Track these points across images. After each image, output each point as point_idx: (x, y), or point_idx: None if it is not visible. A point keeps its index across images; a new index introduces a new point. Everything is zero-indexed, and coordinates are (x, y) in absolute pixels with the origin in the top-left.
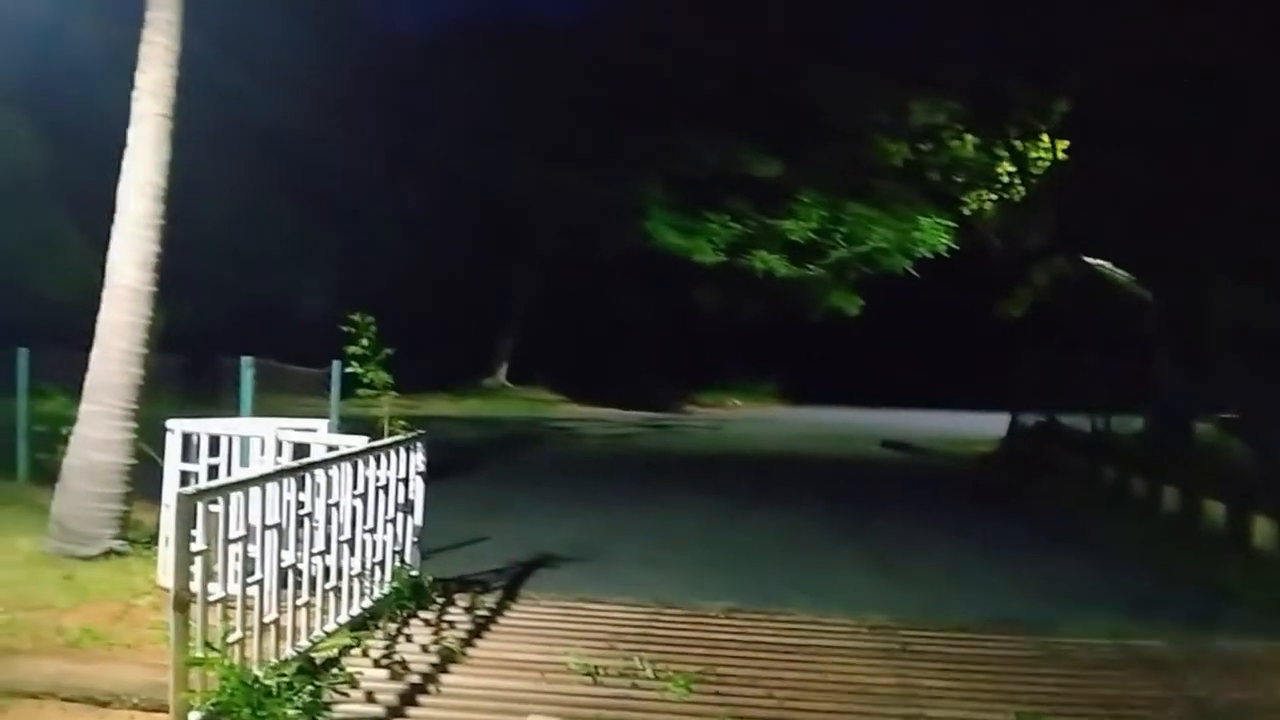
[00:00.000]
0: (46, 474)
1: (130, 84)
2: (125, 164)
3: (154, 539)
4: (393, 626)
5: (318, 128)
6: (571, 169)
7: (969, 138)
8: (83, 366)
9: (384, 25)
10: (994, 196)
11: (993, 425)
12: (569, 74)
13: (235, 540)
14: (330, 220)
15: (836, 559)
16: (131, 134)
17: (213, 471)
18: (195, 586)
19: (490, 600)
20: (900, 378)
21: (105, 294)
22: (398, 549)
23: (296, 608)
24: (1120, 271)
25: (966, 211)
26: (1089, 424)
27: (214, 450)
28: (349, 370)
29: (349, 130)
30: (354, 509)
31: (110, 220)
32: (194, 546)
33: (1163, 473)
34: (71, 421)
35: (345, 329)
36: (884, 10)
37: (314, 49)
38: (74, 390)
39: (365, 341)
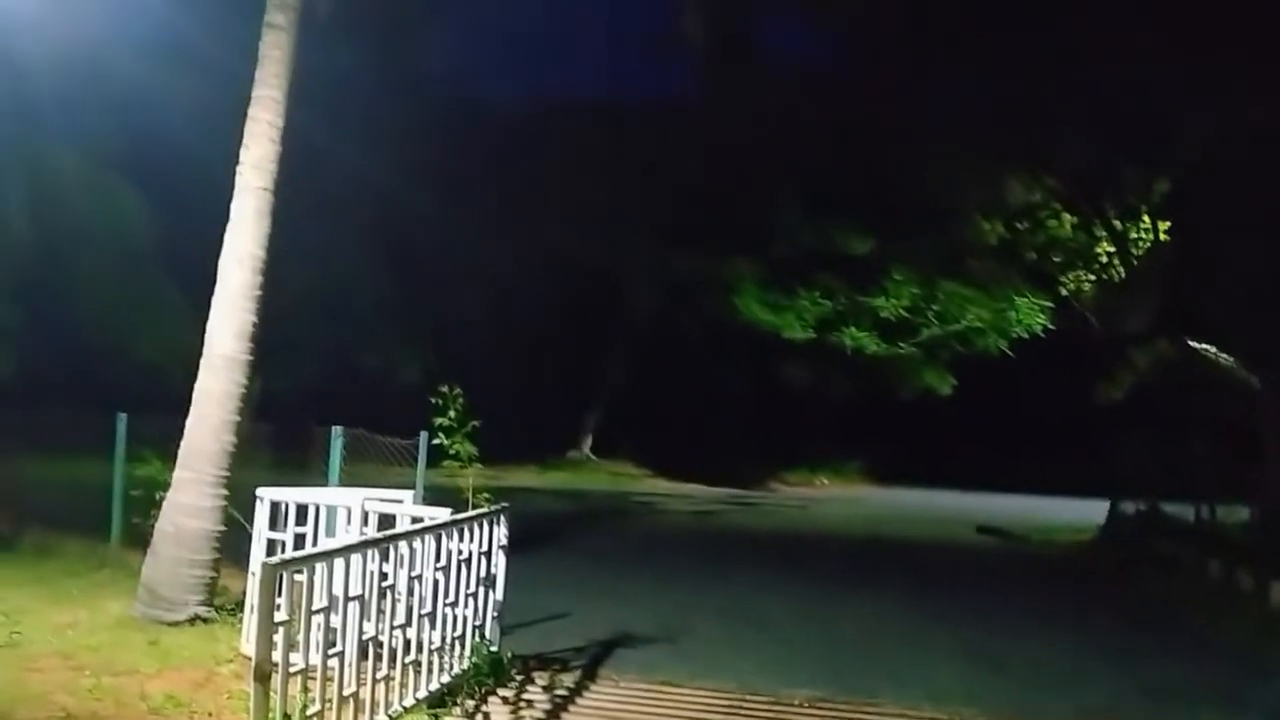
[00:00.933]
0: (140, 538)
1: (235, 157)
2: (227, 235)
3: (240, 606)
4: (470, 703)
5: (415, 198)
6: (665, 243)
7: (1066, 217)
8: (179, 432)
9: (484, 98)
10: (1092, 277)
11: (1091, 511)
12: (665, 149)
13: (318, 611)
14: (425, 290)
15: (927, 648)
16: (234, 206)
17: (299, 540)
18: (277, 656)
19: (569, 680)
20: (994, 459)
21: (203, 362)
22: (478, 623)
23: (376, 681)
24: (1225, 356)
25: (1064, 292)
26: (1193, 512)
27: (301, 519)
28: (436, 442)
29: (446, 201)
30: (436, 582)
31: (211, 288)
32: (277, 616)
33: (1271, 566)
34: (166, 486)
35: (434, 400)
36: (981, 87)
37: (415, 121)
38: (170, 455)
39: (452, 413)
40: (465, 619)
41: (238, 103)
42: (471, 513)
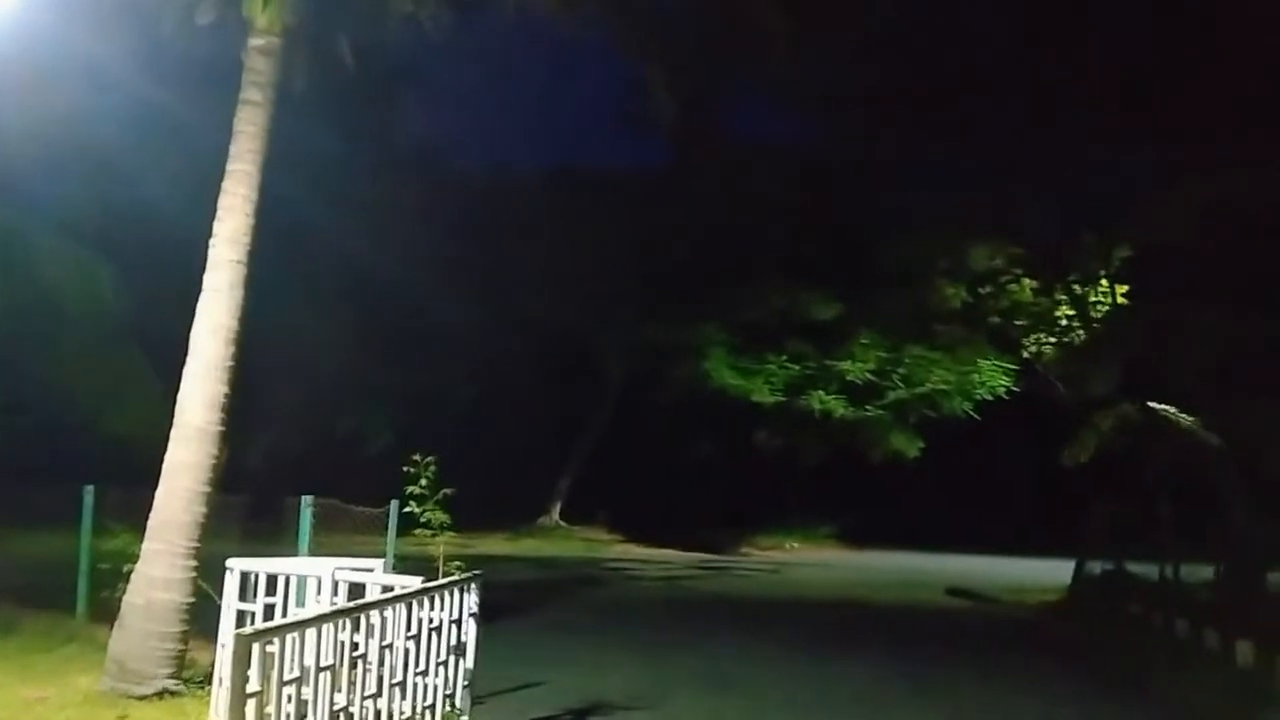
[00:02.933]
0: (108, 612)
1: (210, 229)
2: (200, 307)
3: (209, 678)
4: None
5: (388, 265)
6: (637, 309)
7: (1027, 281)
8: (148, 504)
9: (458, 167)
10: (1053, 340)
11: (1058, 572)
12: (637, 218)
13: (289, 682)
14: (397, 357)
15: (906, 716)
16: (208, 279)
17: (269, 611)
18: None
19: None
20: (962, 521)
21: (173, 433)
22: (449, 693)
23: None
24: (1185, 417)
25: (1026, 354)
26: (1158, 572)
27: (271, 589)
28: (407, 510)
29: (420, 267)
30: (407, 651)
31: (183, 360)
32: (248, 688)
33: (1236, 625)
34: (134, 559)
35: (406, 468)
36: (947, 159)
37: (389, 189)
38: (139, 527)
39: (424, 481)
40: (436, 688)
41: (213, 174)
42: (442, 580)
